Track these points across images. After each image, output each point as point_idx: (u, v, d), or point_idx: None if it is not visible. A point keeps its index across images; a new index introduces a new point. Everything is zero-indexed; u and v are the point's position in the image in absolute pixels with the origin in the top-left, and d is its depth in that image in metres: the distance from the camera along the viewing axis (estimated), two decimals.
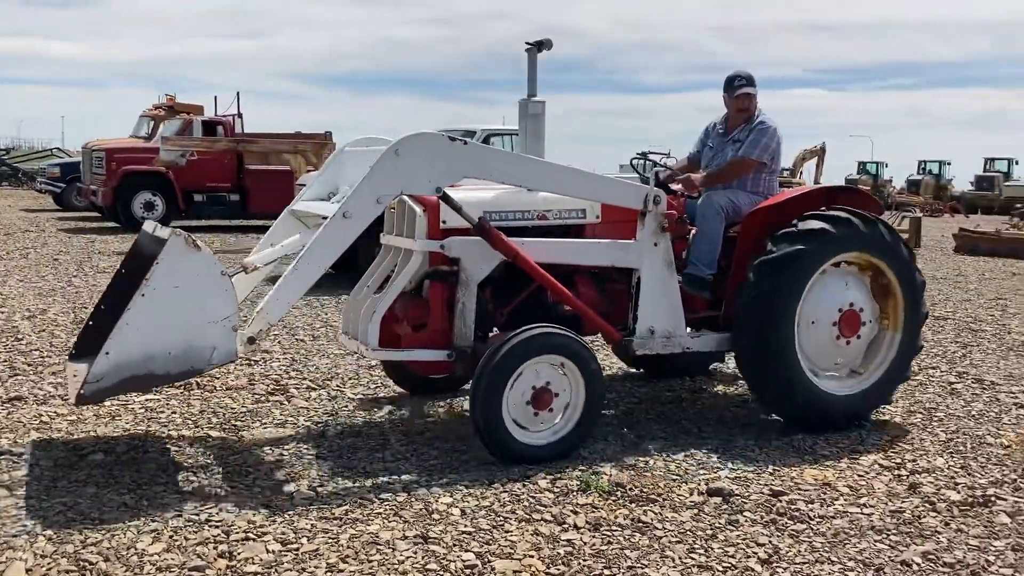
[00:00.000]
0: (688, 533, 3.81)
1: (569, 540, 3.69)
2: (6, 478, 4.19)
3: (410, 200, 4.88)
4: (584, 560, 3.53)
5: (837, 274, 5.29)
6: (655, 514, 3.98)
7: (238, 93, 18.46)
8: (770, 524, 3.93)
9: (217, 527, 3.70)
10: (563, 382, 4.62)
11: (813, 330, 5.19)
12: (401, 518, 3.86)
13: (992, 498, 4.26)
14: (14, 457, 4.46)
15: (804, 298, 5.12)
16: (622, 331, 5.16)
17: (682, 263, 5.36)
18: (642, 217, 5.08)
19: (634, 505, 4.08)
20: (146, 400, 5.41)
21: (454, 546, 3.60)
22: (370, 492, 4.14)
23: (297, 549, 3.53)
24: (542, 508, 4.00)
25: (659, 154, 6.01)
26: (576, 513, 3.96)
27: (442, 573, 3.39)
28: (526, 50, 5.72)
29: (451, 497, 4.10)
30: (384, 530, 3.73)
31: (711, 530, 3.85)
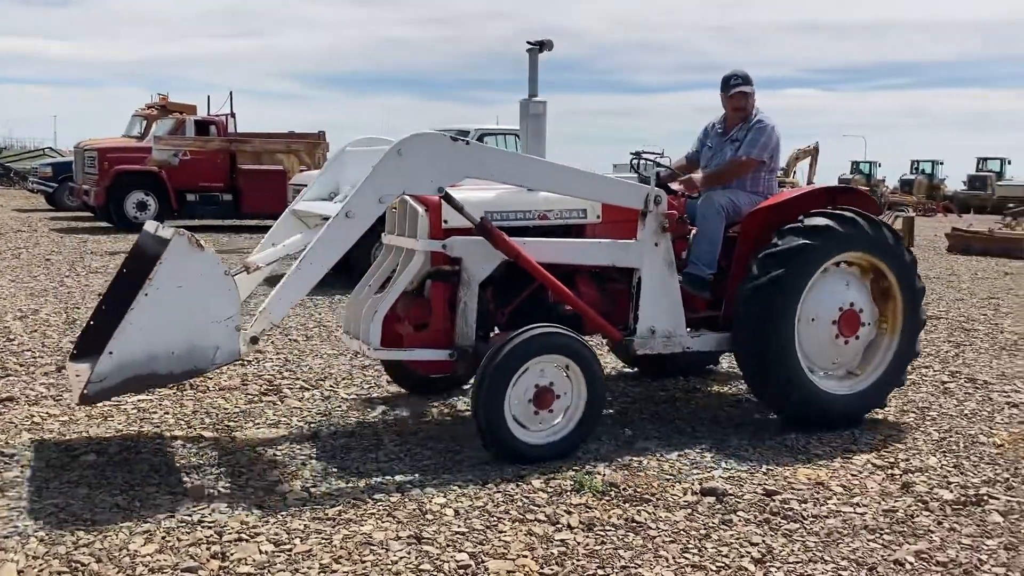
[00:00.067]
0: (682, 533, 3.81)
1: (563, 540, 3.69)
2: None
3: (412, 200, 4.88)
4: (578, 560, 3.53)
5: (839, 274, 5.31)
6: (649, 514, 3.98)
7: (231, 93, 18.52)
8: (764, 523, 3.93)
9: (210, 528, 3.69)
10: (566, 384, 4.63)
11: (813, 327, 5.20)
12: (394, 518, 3.85)
13: (985, 497, 4.27)
14: (5, 458, 4.44)
15: (805, 296, 5.13)
16: (622, 331, 5.17)
17: (682, 263, 5.37)
18: (643, 217, 5.09)
19: (628, 505, 4.08)
20: (138, 401, 5.39)
21: (447, 546, 3.60)
22: (363, 492, 4.13)
23: (290, 550, 3.53)
24: (536, 508, 4.00)
25: (653, 154, 6.00)
26: (570, 513, 3.96)
27: (435, 573, 3.38)
28: (527, 50, 5.70)
29: (445, 497, 4.09)
30: (377, 530, 3.72)
31: (705, 530, 3.85)
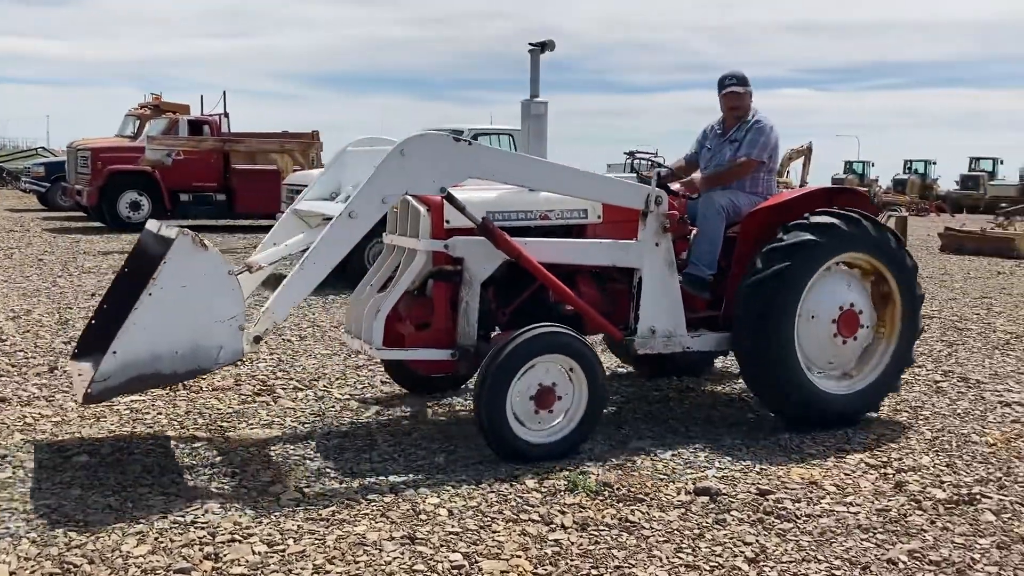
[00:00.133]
0: (675, 532, 3.81)
1: (556, 540, 3.69)
2: None
3: (414, 200, 4.89)
4: (571, 560, 3.52)
5: (840, 274, 5.35)
6: (642, 513, 3.98)
7: (224, 92, 18.41)
8: (757, 523, 3.94)
9: (203, 529, 3.68)
10: (568, 386, 4.65)
11: (812, 325, 5.22)
12: (388, 519, 3.85)
13: (977, 496, 4.28)
14: None
15: (807, 293, 5.16)
16: (623, 330, 5.19)
17: (682, 263, 5.38)
18: (644, 217, 5.10)
19: (621, 505, 4.08)
20: (131, 401, 5.37)
21: (441, 547, 3.60)
22: (357, 493, 4.12)
23: (283, 550, 3.52)
24: (529, 508, 4.00)
25: (647, 154, 6.01)
26: (563, 513, 3.95)
27: (429, 574, 3.38)
28: (529, 51, 5.71)
29: (438, 497, 4.09)
30: (371, 531, 3.72)
31: (698, 529, 3.85)
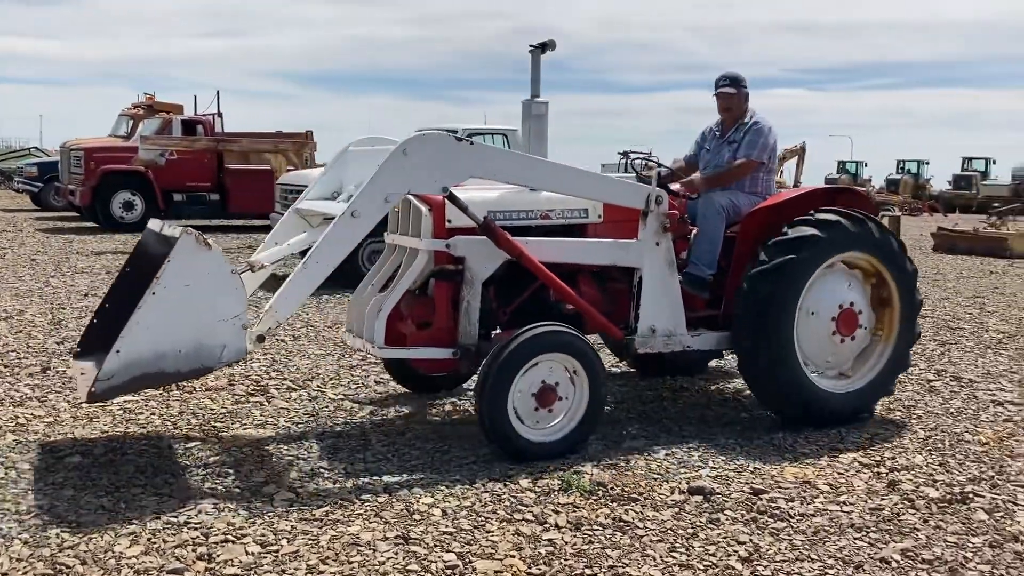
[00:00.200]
0: (669, 532, 3.81)
1: (550, 540, 3.69)
2: None
3: (415, 199, 4.89)
4: (565, 560, 3.52)
5: (842, 273, 5.37)
6: (636, 513, 3.99)
7: (218, 92, 18.40)
8: (751, 522, 3.94)
9: (196, 529, 3.67)
10: (569, 388, 4.66)
11: (812, 321, 5.23)
12: (382, 519, 3.84)
13: (970, 495, 4.29)
14: None
15: (808, 289, 5.18)
16: (623, 330, 5.20)
17: (682, 263, 5.39)
18: (644, 217, 5.11)
19: (615, 504, 4.08)
20: (124, 402, 5.36)
21: (435, 547, 3.59)
22: (351, 493, 4.12)
23: (277, 551, 3.51)
24: (523, 508, 4.00)
25: (641, 154, 6.02)
26: (557, 513, 3.95)
27: (423, 574, 3.38)
28: (530, 51, 5.72)
29: (432, 497, 4.09)
30: (365, 531, 3.71)
31: (692, 529, 3.85)
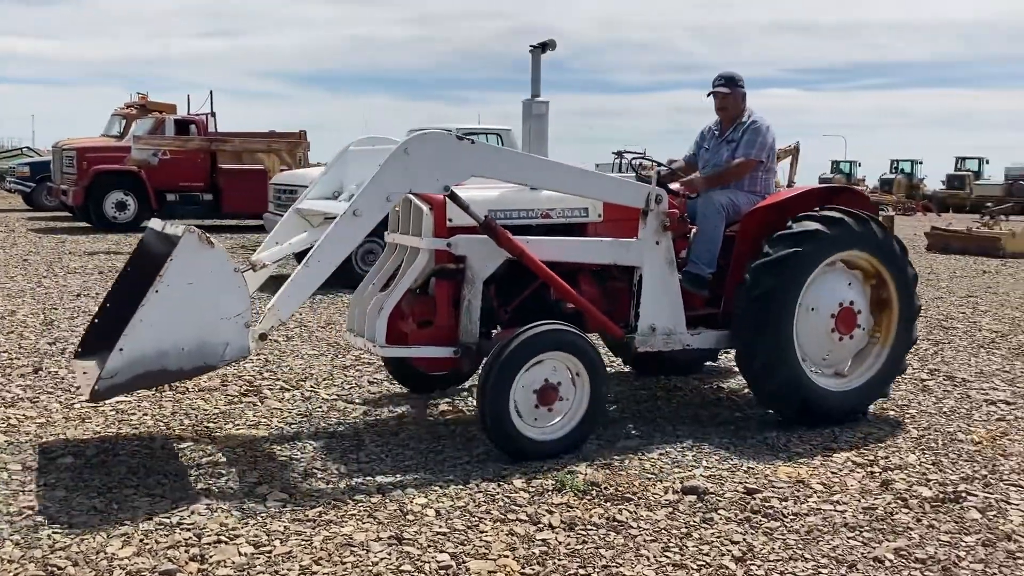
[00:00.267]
0: (663, 531, 3.81)
1: (544, 540, 3.69)
2: None
3: (416, 199, 4.89)
4: (559, 560, 3.52)
5: (843, 272, 5.39)
6: (630, 513, 3.98)
7: (211, 92, 18.31)
8: (744, 522, 3.94)
9: (189, 530, 3.66)
10: (570, 390, 4.67)
11: (811, 317, 5.25)
12: (375, 519, 3.84)
13: (963, 494, 4.30)
14: None
15: (809, 285, 5.19)
16: (623, 328, 5.21)
17: (682, 261, 5.40)
18: (644, 216, 5.12)
19: (609, 504, 4.08)
20: (116, 402, 5.33)
21: (428, 547, 3.59)
22: (344, 493, 4.11)
23: (270, 552, 3.50)
24: (517, 508, 4.00)
25: (635, 153, 6.02)
26: (551, 512, 3.95)
27: (416, 574, 3.37)
28: (530, 51, 5.72)
29: (426, 498, 4.08)
30: (358, 531, 3.70)
31: (686, 528, 3.85)
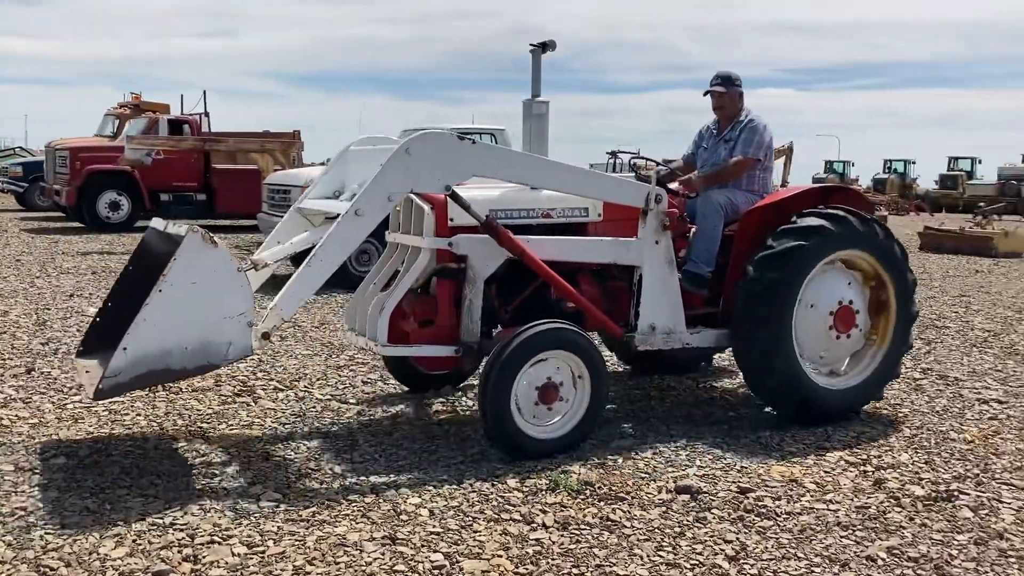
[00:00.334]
0: (656, 531, 3.82)
1: (538, 539, 3.69)
2: None
3: (417, 198, 4.90)
4: (553, 559, 3.52)
5: (843, 271, 5.42)
6: (623, 512, 3.99)
7: (204, 91, 18.33)
8: (738, 521, 3.95)
9: (182, 530, 3.66)
10: (572, 391, 4.69)
11: (810, 314, 5.27)
12: (369, 519, 3.83)
13: (955, 493, 4.31)
14: None
15: (809, 283, 5.21)
16: (623, 327, 5.22)
17: (681, 261, 5.42)
18: (644, 215, 5.13)
19: (603, 503, 4.08)
20: (110, 403, 5.33)
21: (422, 547, 3.59)
22: (337, 493, 4.11)
23: (263, 552, 3.50)
24: (511, 508, 4.00)
25: (630, 153, 6.04)
26: (545, 512, 3.95)
27: (410, 574, 3.37)
28: (530, 51, 5.73)
29: (419, 498, 4.08)
30: (352, 531, 3.70)
31: (679, 528, 3.86)
